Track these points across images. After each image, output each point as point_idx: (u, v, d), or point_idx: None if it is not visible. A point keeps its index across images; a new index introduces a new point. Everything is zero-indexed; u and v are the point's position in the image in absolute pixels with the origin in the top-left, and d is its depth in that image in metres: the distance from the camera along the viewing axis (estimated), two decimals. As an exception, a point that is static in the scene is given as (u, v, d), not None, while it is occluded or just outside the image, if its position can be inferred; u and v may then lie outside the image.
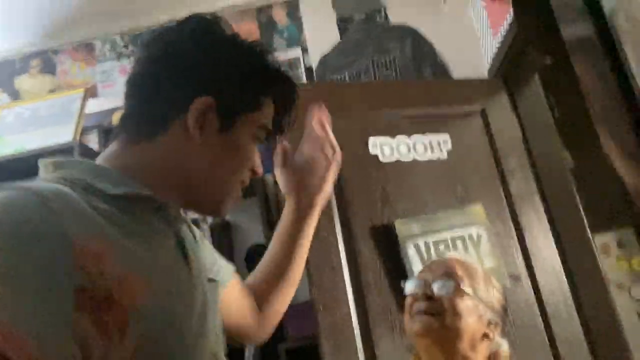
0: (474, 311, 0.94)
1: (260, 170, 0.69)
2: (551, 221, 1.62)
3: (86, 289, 0.43)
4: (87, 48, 2.29)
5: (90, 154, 1.96)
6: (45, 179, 0.54)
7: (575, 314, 1.51)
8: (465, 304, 0.93)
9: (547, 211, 1.63)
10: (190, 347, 0.54)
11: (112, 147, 0.62)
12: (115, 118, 2.17)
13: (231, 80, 0.62)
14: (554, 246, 1.59)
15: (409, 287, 1.01)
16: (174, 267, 0.58)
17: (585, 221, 1.66)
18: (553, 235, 1.60)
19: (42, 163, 0.58)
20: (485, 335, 0.95)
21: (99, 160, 0.61)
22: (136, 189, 0.56)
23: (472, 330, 0.93)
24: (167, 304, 0.52)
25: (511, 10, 1.56)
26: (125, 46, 2.27)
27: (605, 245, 2.73)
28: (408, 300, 1.00)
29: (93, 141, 2.15)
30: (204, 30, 0.63)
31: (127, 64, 2.25)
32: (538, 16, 0.57)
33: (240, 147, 0.64)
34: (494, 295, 0.99)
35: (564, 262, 1.58)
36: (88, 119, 2.12)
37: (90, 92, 2.15)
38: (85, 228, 0.46)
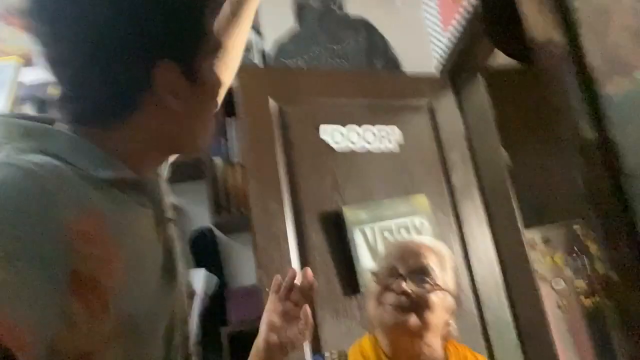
0: (443, 303, 0.97)
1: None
2: (487, 214, 1.71)
3: (79, 272, 0.43)
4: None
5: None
6: (22, 149, 0.49)
7: (505, 301, 1.62)
8: (437, 298, 0.95)
9: (484, 204, 1.72)
10: (160, 329, 0.55)
11: (75, 129, 0.55)
12: (52, 89, 2.04)
13: (176, 29, 0.55)
14: (489, 238, 1.68)
15: (380, 276, 1.00)
16: (153, 251, 0.57)
17: (518, 216, 1.78)
18: (489, 228, 1.70)
19: (6, 123, 0.53)
20: (447, 323, 0.99)
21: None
22: (121, 172, 0.54)
23: (440, 321, 0.97)
24: (142, 288, 0.52)
25: (461, 8, 1.62)
26: None
27: (532, 240, 2.93)
28: (375, 287, 0.99)
29: (27, 112, 2.01)
30: None
31: (68, 34, 2.11)
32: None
33: (211, 85, 0.61)
34: (453, 279, 1.02)
35: (497, 253, 1.68)
36: (23, 89, 1.98)
37: (25, 61, 2.00)
38: (78, 205, 0.46)
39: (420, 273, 0.96)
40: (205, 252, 1.92)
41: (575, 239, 3.04)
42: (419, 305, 0.93)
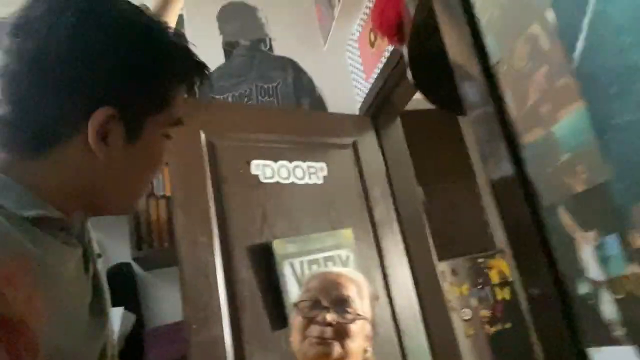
0: (362, 331, 1.03)
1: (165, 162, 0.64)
2: (406, 247, 1.83)
3: (6, 317, 0.42)
4: None
5: None
6: None
7: (422, 328, 1.71)
8: (357, 327, 1.01)
9: (403, 238, 1.83)
10: None
11: (8, 156, 0.54)
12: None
13: (133, 82, 0.53)
14: (407, 269, 1.79)
15: (304, 309, 1.03)
16: (80, 293, 0.56)
17: (432, 249, 1.92)
18: (407, 260, 1.81)
19: None
20: (365, 350, 1.04)
21: None
22: (46, 211, 0.51)
23: (359, 348, 1.02)
24: (69, 329, 0.51)
25: (382, 60, 1.77)
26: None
27: (443, 273, 3.13)
28: (300, 321, 1.02)
29: None
30: (84, 15, 0.51)
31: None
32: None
33: (152, 152, 0.59)
34: (370, 307, 1.09)
35: (415, 284, 1.79)
36: None
37: None
38: (5, 247, 0.45)
39: (342, 304, 1.02)
40: (123, 288, 1.83)
41: (479, 271, 3.30)
42: (341, 335, 0.98)
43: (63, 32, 0.50)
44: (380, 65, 1.78)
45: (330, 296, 1.02)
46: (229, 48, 2.07)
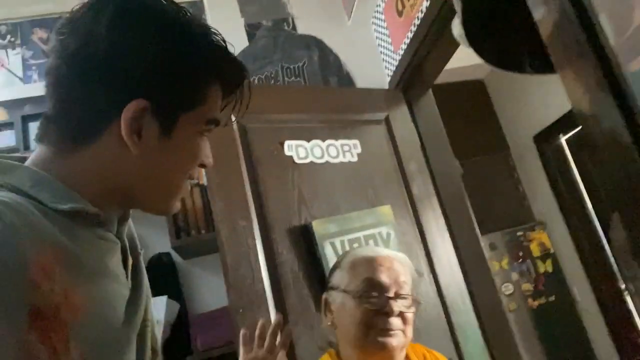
0: (414, 314, 1.01)
1: (210, 163, 0.62)
2: (447, 222, 1.77)
3: (39, 308, 0.42)
4: (-48, 34, 1.98)
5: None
6: None
7: (470, 305, 1.66)
8: (413, 312, 1.00)
9: (444, 213, 1.78)
10: None
11: (41, 153, 0.55)
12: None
13: (167, 76, 0.54)
14: (450, 245, 1.74)
15: (365, 299, 0.99)
16: (117, 287, 0.55)
17: (475, 222, 1.86)
18: (449, 235, 1.75)
19: None
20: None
21: (35, 161, 0.55)
22: (82, 204, 0.51)
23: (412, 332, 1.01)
24: (106, 323, 0.51)
25: (412, 29, 1.70)
26: (2, 36, 2.01)
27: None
28: (359, 312, 0.98)
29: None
30: (123, 11, 0.53)
31: (4, 57, 1.99)
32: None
33: (186, 148, 0.58)
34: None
35: (459, 259, 1.73)
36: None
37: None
38: (40, 239, 0.45)
39: (400, 290, 0.99)
40: (164, 277, 1.84)
41: (519, 244, 3.22)
42: (404, 323, 0.97)
43: (103, 28, 0.52)
44: (410, 35, 1.71)
45: (393, 284, 0.99)
46: (251, 30, 2.03)
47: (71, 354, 0.44)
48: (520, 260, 3.17)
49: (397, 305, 0.97)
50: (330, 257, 1.45)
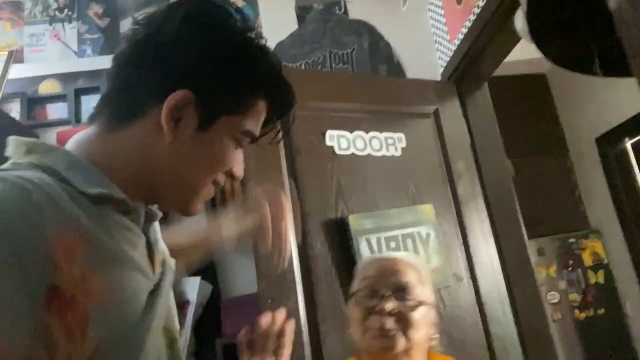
0: (426, 318, 0.96)
1: (240, 174, 0.63)
2: (492, 225, 1.67)
3: (57, 287, 0.42)
4: (14, 6, 2.05)
5: (7, 123, 1.75)
6: (18, 164, 0.51)
7: (510, 314, 1.57)
8: (420, 314, 0.94)
9: (489, 215, 1.68)
10: (148, 351, 0.52)
11: (89, 131, 0.58)
12: (43, 87, 1.97)
13: (216, 77, 0.56)
14: (494, 249, 1.64)
15: (361, 298, 0.98)
16: (140, 278, 0.55)
17: (523, 227, 1.75)
18: (493, 239, 1.66)
19: (14, 142, 0.54)
20: (430, 337, 0.98)
21: (71, 146, 0.57)
22: (110, 190, 0.53)
23: (425, 337, 0.96)
24: (125, 311, 0.50)
25: (471, 17, 1.60)
26: (60, 9, 2.06)
27: (527, 252, 2.88)
28: (358, 312, 0.97)
29: (15, 110, 1.92)
30: (195, 15, 0.58)
31: (61, 30, 2.04)
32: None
33: (217, 149, 0.59)
34: (431, 290, 1.00)
35: (502, 265, 1.64)
36: (11, 85, 1.90)
37: (15, 56, 1.92)
38: (64, 220, 0.45)
39: (401, 290, 0.95)
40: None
41: (570, 252, 3.03)
42: (404, 325, 0.92)
43: (173, 23, 0.56)
44: (469, 24, 1.60)
45: (388, 283, 0.95)
46: (302, 13, 1.98)
47: (87, 336, 0.44)
48: (570, 268, 2.99)
49: (390, 305, 0.92)
50: (365, 253, 1.40)
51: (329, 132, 1.50)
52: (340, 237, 1.41)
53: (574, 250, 3.02)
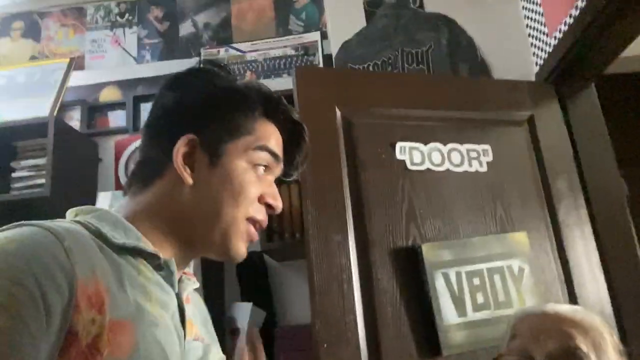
0: None
1: (276, 204, 0.64)
2: (602, 257, 1.37)
3: (77, 334, 0.45)
4: (77, 13, 2.04)
5: (66, 132, 1.71)
6: (64, 220, 0.55)
7: (625, 370, 1.26)
8: None
9: (598, 245, 1.38)
10: None
11: (122, 201, 0.64)
12: (104, 95, 1.93)
13: (208, 112, 0.63)
14: (604, 287, 1.34)
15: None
16: (167, 332, 0.55)
17: (641, 259, 1.42)
18: (603, 274, 1.36)
19: (69, 212, 0.60)
20: None
21: (115, 209, 0.62)
22: (142, 244, 0.56)
23: None
24: None
25: (577, 5, 1.31)
26: (121, 14, 2.01)
27: None
28: None
29: (75, 118, 1.89)
30: (185, 76, 0.66)
31: (121, 35, 1.99)
32: None
33: (234, 176, 0.61)
34: None
35: (614, 306, 1.33)
36: (71, 93, 1.88)
37: (77, 63, 1.89)
38: (92, 269, 0.48)
39: (569, 357, 0.71)
40: (254, 280, 1.71)
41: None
42: None
43: (167, 90, 0.66)
44: (575, 13, 1.32)
45: (546, 349, 0.73)
46: (371, 8, 1.77)
47: None
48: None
49: None
50: (441, 291, 1.17)
51: (399, 144, 1.30)
52: (411, 270, 1.20)
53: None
